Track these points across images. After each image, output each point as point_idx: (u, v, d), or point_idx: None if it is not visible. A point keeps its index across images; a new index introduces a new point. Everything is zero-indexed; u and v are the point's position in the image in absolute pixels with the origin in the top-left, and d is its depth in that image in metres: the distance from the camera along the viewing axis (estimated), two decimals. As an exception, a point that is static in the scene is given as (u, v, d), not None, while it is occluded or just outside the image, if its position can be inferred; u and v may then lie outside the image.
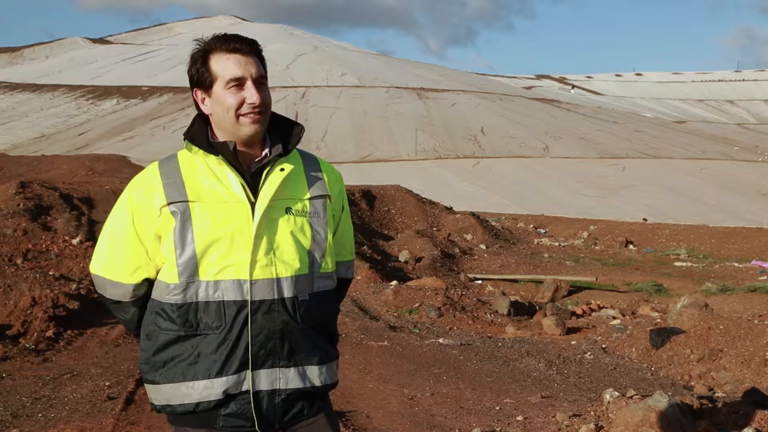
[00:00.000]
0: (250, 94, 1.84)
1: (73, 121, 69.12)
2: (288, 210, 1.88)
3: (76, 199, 14.89)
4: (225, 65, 1.85)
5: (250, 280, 1.81)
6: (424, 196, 22.45)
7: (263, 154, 1.92)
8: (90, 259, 2.09)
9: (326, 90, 79.35)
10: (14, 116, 70.79)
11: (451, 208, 22.41)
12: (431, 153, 56.57)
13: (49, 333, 7.43)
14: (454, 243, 17.51)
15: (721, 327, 7.25)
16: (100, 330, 7.81)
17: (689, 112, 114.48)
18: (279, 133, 1.95)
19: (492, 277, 14.46)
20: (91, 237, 12.35)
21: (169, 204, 1.83)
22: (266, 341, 1.83)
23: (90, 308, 8.36)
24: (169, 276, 1.83)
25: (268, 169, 1.89)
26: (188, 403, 1.83)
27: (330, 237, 1.96)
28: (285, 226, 1.87)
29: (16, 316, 7.60)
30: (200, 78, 1.88)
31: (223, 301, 1.81)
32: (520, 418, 5.17)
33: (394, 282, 11.89)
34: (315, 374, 1.91)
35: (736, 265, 16.35)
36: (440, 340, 8.40)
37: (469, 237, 19.16)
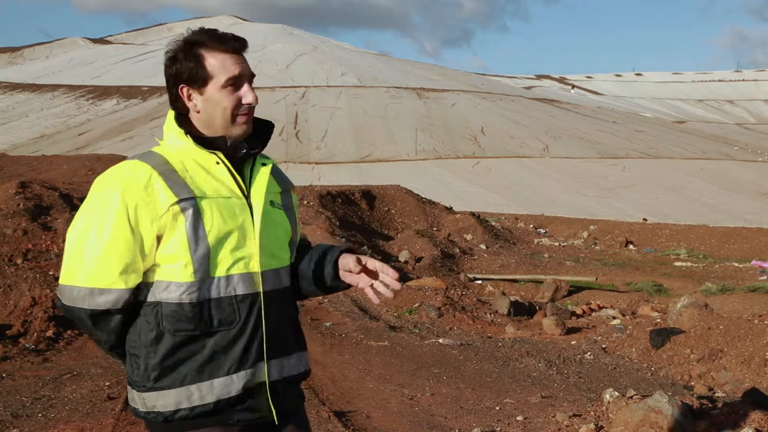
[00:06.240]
0: (248, 94, 1.85)
1: (73, 121, 69.15)
2: (272, 203, 1.93)
3: (76, 199, 14.88)
4: (224, 64, 1.82)
5: (261, 272, 1.84)
6: (424, 196, 22.45)
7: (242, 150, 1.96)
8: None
9: (326, 90, 79.36)
10: (14, 116, 70.83)
11: (451, 208, 22.41)
12: (431, 153, 56.58)
13: (49, 333, 7.43)
14: (454, 243, 17.50)
15: (721, 327, 7.25)
16: (100, 330, 7.80)
17: (689, 112, 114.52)
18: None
19: (492, 277, 14.46)
20: (91, 237, 12.31)
21: (179, 201, 1.77)
22: (278, 331, 1.87)
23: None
24: (183, 275, 1.77)
25: (252, 164, 1.92)
26: (208, 402, 1.78)
27: (298, 228, 2.06)
28: (276, 219, 1.93)
29: (16, 316, 7.60)
30: (192, 75, 1.82)
31: (235, 295, 1.80)
32: (520, 418, 5.17)
33: (394, 282, 11.88)
34: (304, 359, 1.98)
35: (736, 265, 16.35)
36: (440, 340, 8.40)
37: (469, 237, 19.16)
